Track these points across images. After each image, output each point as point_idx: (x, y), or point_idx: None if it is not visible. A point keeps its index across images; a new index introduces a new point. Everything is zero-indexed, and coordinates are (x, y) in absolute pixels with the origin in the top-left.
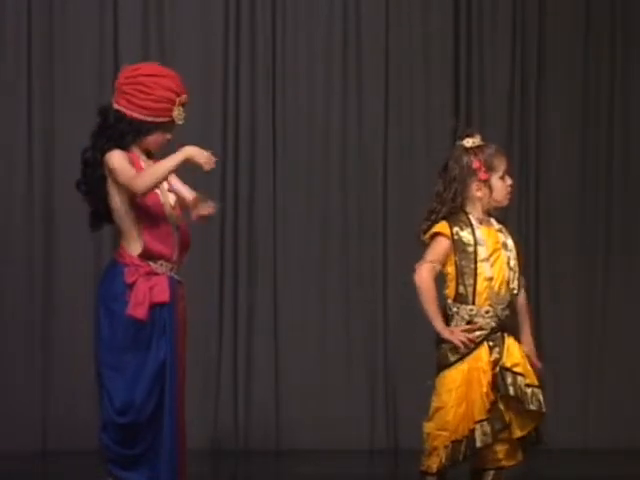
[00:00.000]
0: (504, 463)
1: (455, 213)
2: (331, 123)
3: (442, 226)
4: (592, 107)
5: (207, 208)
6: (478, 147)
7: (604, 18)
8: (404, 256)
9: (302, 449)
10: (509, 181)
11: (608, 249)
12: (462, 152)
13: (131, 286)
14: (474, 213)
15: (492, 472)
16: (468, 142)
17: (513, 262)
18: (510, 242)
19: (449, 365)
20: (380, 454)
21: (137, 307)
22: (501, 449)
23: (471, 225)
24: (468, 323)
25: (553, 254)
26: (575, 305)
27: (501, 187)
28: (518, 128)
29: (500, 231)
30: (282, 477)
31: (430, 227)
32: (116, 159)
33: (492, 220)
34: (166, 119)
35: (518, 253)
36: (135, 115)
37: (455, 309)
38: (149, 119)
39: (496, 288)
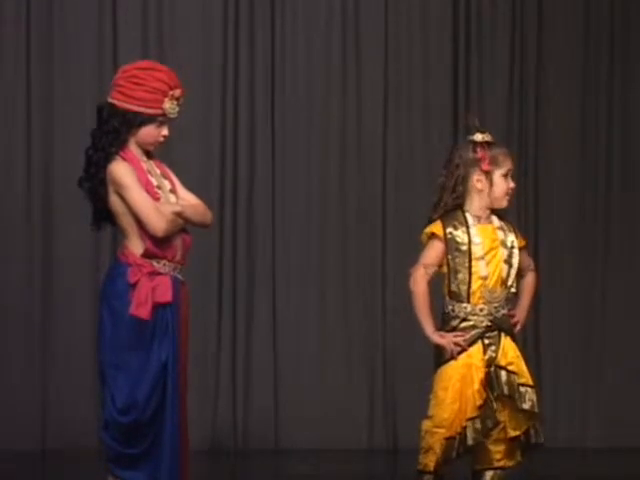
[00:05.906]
0: (503, 463)
1: (452, 211)
2: (330, 123)
3: (436, 226)
4: (592, 107)
5: None
6: (487, 143)
7: (604, 18)
8: (403, 256)
9: (301, 448)
10: (512, 184)
11: (607, 249)
12: (469, 144)
13: (134, 286)
14: (472, 210)
15: (491, 472)
16: (478, 137)
17: (515, 259)
18: (512, 239)
19: (444, 362)
20: (379, 454)
21: (140, 307)
22: (498, 449)
23: (466, 224)
24: (463, 321)
25: (552, 254)
26: (574, 305)
27: (502, 184)
28: (517, 128)
29: (500, 229)
30: (281, 477)
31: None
32: (128, 179)
33: (493, 217)
34: (157, 111)
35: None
36: (127, 106)
37: (451, 307)
38: (140, 110)
39: (490, 286)
